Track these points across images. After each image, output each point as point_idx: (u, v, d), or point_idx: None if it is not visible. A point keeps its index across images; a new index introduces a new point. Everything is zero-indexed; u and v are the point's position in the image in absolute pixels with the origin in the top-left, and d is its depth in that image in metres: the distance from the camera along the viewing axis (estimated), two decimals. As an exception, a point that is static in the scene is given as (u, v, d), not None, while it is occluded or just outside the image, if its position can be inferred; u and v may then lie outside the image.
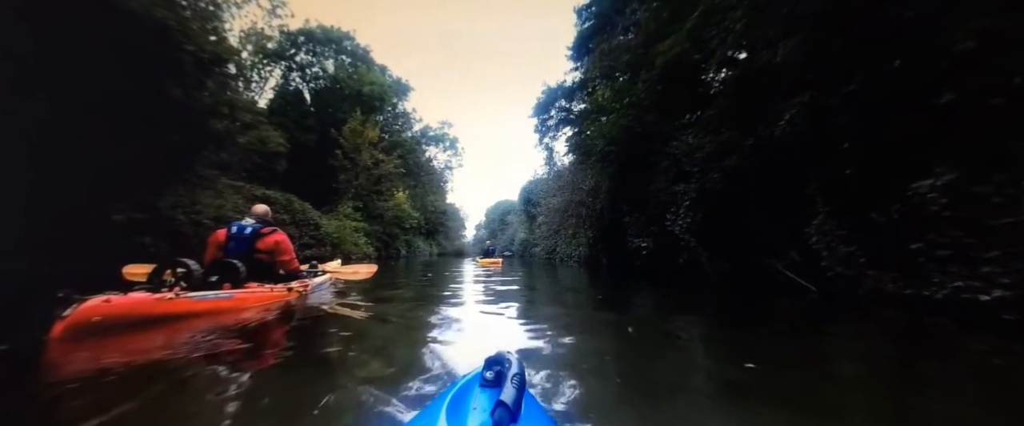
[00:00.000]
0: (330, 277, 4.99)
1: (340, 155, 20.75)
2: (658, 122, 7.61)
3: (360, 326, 2.81)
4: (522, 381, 0.64)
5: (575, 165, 12.37)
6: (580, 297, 5.20)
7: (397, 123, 30.51)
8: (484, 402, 0.66)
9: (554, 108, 17.18)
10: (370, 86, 24.95)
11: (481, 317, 3.16)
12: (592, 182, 10.63)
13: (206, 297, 2.80)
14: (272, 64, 24.51)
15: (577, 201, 11.34)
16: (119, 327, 2.23)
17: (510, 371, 0.66)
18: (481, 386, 0.73)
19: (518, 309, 3.67)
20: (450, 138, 37.06)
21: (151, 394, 1.51)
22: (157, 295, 2.53)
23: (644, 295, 5.28)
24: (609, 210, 9.86)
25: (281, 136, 21.41)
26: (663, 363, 2.10)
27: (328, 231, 15.84)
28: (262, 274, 3.41)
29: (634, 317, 3.69)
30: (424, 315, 3.27)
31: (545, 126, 18.06)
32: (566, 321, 3.20)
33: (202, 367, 1.84)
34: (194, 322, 2.55)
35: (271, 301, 3.30)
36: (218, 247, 3.38)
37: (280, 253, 3.53)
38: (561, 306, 4.24)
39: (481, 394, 0.70)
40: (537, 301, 4.56)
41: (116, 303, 2.25)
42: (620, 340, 2.64)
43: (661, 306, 4.31)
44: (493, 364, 0.75)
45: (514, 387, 0.60)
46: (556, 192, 13.30)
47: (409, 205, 25.58)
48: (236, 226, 3.44)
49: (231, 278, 3.10)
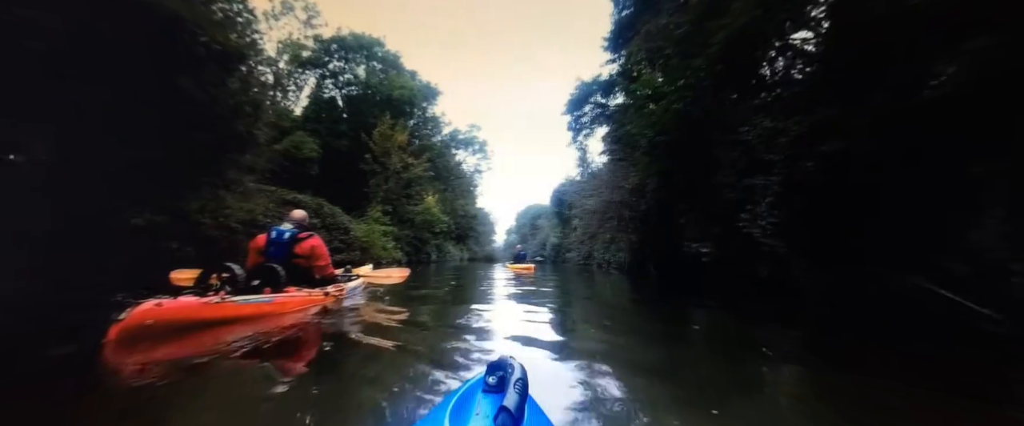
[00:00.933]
0: (363, 281, 4.97)
1: (369, 159, 20.65)
2: (722, 104, 6.46)
3: (393, 331, 2.85)
4: (525, 386, 0.65)
5: (614, 163, 11.29)
6: (629, 317, 4.24)
7: (427, 127, 30.45)
8: (487, 408, 0.66)
9: (589, 104, 16.15)
10: (400, 90, 24.91)
11: (516, 346, 2.54)
12: (636, 179, 9.52)
13: (249, 301, 2.86)
14: (307, 72, 25.05)
15: (618, 201, 10.25)
16: (170, 330, 2.31)
17: (513, 376, 0.67)
18: (483, 391, 0.73)
19: (556, 326, 3.29)
20: (479, 141, 36.69)
21: (198, 393, 1.57)
22: (204, 299, 2.59)
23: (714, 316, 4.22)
24: (657, 210, 8.72)
25: (315, 142, 21.74)
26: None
27: (357, 235, 15.56)
28: (300, 278, 3.48)
29: (724, 357, 2.69)
30: (454, 325, 3.17)
31: (579, 123, 17.05)
32: (624, 356, 2.37)
33: (245, 369, 1.94)
34: (238, 326, 2.64)
35: (309, 305, 3.40)
36: (258, 252, 3.46)
37: (316, 258, 3.59)
38: (607, 329, 3.38)
39: (484, 399, 0.70)
40: (578, 321, 3.75)
41: (167, 307, 2.32)
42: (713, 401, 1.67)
43: (751, 337, 3.26)
44: (495, 369, 0.75)
45: (517, 392, 0.61)
46: (592, 193, 12.24)
47: (438, 209, 25.22)
48: (275, 231, 3.49)
49: (272, 282, 3.17)
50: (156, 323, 2.24)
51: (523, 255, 14.73)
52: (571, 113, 16.83)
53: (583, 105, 16.14)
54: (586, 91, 15.75)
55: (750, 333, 3.36)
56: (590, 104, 15.94)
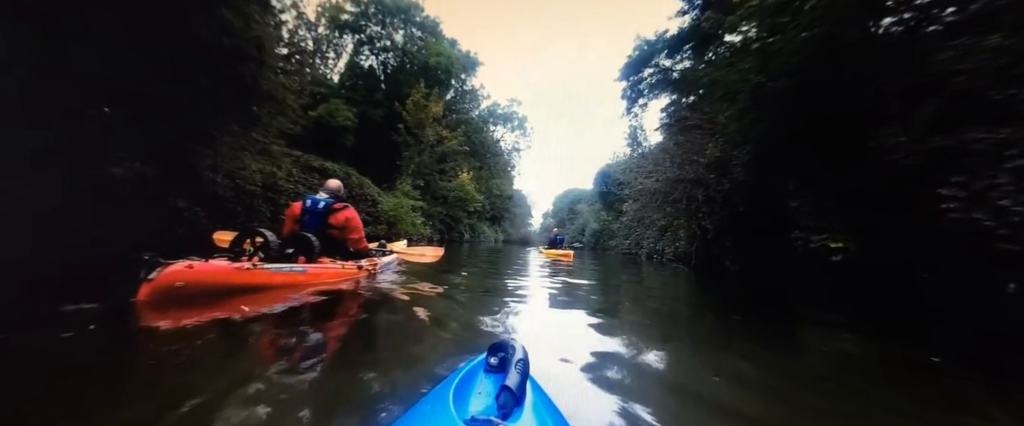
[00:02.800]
0: (396, 257, 4.73)
1: (403, 129, 19.51)
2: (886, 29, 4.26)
3: (429, 312, 2.57)
4: (526, 367, 0.68)
5: (685, 132, 9.09)
6: (718, 335, 2.60)
7: (464, 101, 28.91)
8: (489, 387, 0.69)
9: (649, 67, 13.75)
10: (437, 57, 23.44)
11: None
12: (717, 151, 7.39)
13: (282, 269, 2.76)
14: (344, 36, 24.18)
15: (689, 180, 8.14)
16: (200, 293, 2.22)
17: (514, 357, 0.70)
18: (486, 372, 0.76)
19: (615, 335, 2.44)
20: (519, 117, 34.69)
21: (225, 358, 1.59)
22: (236, 264, 2.50)
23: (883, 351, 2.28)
24: (750, 189, 6.61)
25: (350, 110, 20.94)
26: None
27: (385, 209, 14.51)
28: (333, 249, 3.41)
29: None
30: (484, 320, 2.53)
31: (635, 91, 14.70)
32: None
33: (271, 338, 1.89)
34: (270, 294, 2.56)
35: (342, 278, 3.31)
36: (294, 220, 3.38)
37: (350, 230, 3.47)
38: (694, 354, 1.98)
39: (486, 379, 0.73)
40: (653, 339, 2.48)
41: (198, 269, 2.25)
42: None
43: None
44: (497, 350, 0.78)
45: (518, 372, 0.65)
46: (652, 171, 10.11)
47: (473, 187, 23.87)
48: (310, 200, 3.39)
49: (306, 252, 3.07)
50: (187, 285, 2.16)
51: (560, 240, 12.99)
52: (627, 78, 14.50)
53: (643, 68, 13.77)
54: (647, 52, 13.34)
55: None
56: (651, 67, 13.54)
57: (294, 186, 11.45)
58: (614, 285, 5.76)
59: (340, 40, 24.20)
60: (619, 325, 2.84)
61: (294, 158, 12.93)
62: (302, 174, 12.57)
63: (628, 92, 14.49)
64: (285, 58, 8.95)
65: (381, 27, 23.53)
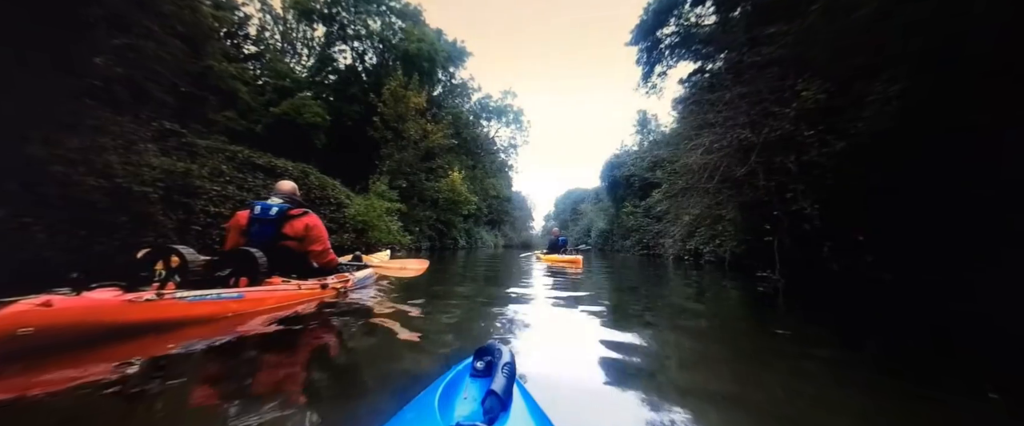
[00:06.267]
0: (373, 271, 4.01)
1: (378, 122, 16.81)
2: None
3: (412, 341, 2.03)
4: (512, 371, 0.65)
5: (735, 88, 6.36)
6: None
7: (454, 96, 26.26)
8: (474, 392, 0.67)
9: (672, 21, 11.08)
10: (417, 44, 20.77)
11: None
12: (820, 92, 4.70)
13: (206, 297, 2.10)
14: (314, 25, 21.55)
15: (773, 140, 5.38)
16: (65, 342, 1.57)
17: (500, 361, 0.67)
18: (471, 376, 0.73)
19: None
20: (514, 110, 31.97)
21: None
22: (131, 295, 1.82)
23: None
24: (905, 143, 3.87)
25: (319, 106, 18.29)
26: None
27: (351, 213, 11.75)
28: (291, 266, 2.76)
29: None
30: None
31: (653, 57, 12.02)
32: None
33: (180, 394, 1.34)
34: (187, 331, 1.93)
35: (298, 300, 2.62)
36: (240, 232, 2.69)
37: (311, 241, 2.79)
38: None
39: (471, 384, 0.71)
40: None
41: (61, 308, 1.58)
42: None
43: None
44: (483, 354, 0.75)
45: (504, 377, 0.62)
46: (690, 149, 7.37)
47: (466, 188, 21.09)
48: (260, 206, 2.71)
49: (248, 271, 2.43)
50: (39, 331, 1.51)
51: (562, 242, 10.22)
52: (640, 42, 11.85)
53: (662, 25, 11.11)
54: (667, 3, 10.69)
55: None
56: (674, 20, 10.89)
57: (222, 187, 8.63)
58: (670, 316, 2.97)
59: (311, 30, 21.60)
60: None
61: (230, 153, 10.13)
62: (238, 173, 9.74)
63: (644, 56, 11.81)
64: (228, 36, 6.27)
65: (353, 13, 20.87)
